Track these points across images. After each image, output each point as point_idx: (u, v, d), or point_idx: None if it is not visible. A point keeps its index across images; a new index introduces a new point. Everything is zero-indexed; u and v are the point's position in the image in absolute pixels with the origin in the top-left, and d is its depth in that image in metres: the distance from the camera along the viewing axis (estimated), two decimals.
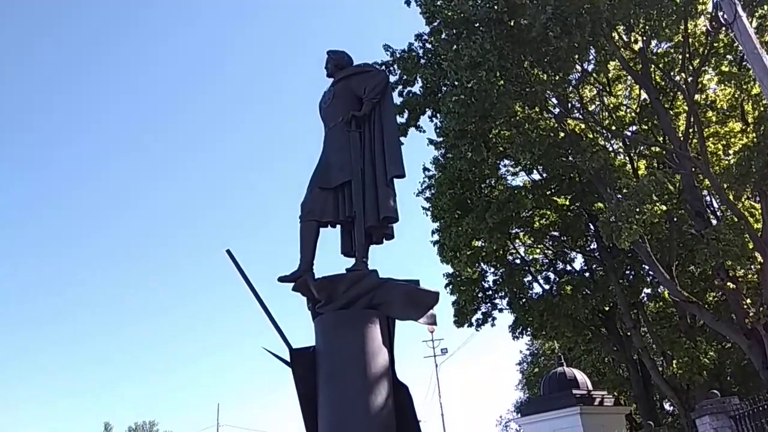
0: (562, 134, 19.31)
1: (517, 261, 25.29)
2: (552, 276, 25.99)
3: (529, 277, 25.09)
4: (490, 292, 24.62)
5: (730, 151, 19.06)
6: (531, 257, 26.12)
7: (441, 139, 21.63)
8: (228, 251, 5.76)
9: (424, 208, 24.40)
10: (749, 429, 8.87)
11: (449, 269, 23.93)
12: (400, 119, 20.25)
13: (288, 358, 5.41)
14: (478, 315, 24.32)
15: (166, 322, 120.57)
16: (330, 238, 6.39)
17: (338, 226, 6.41)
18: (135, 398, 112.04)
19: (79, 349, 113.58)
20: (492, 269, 24.58)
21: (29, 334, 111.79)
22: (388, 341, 5.50)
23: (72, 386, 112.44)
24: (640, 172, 20.07)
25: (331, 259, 6.64)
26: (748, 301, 15.92)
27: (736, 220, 15.25)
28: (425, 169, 24.30)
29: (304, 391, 5.23)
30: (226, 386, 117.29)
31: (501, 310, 24.56)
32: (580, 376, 28.06)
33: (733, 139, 19.11)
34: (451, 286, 24.02)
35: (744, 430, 8.99)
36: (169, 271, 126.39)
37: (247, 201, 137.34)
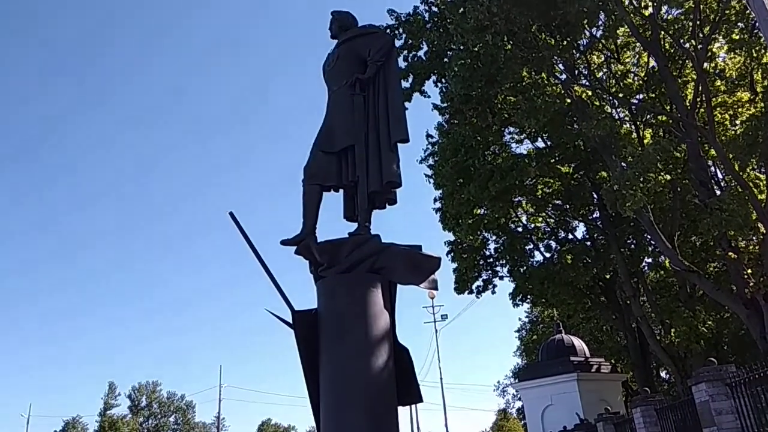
0: (568, 101, 19.10)
1: (519, 229, 25.35)
2: (553, 244, 26.08)
3: (531, 246, 25.19)
4: (491, 260, 24.76)
5: (737, 121, 18.87)
6: (533, 225, 26.16)
7: (446, 104, 21.43)
8: (231, 214, 5.75)
9: (426, 176, 24.37)
10: (745, 396, 8.98)
11: (451, 237, 24.03)
12: (404, 84, 20.04)
13: (290, 320, 5.45)
14: (479, 282, 24.53)
15: (169, 286, 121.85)
16: (332, 202, 6.38)
17: (341, 191, 6.39)
18: (139, 360, 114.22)
19: (84, 312, 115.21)
20: (494, 237, 24.67)
21: (39, 301, 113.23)
22: (390, 305, 5.53)
23: (77, 348, 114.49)
24: (645, 141, 19.90)
25: (333, 223, 6.64)
26: (749, 271, 15.96)
27: (740, 190, 15.18)
28: (428, 135, 24.19)
29: (306, 353, 5.28)
30: (229, 348, 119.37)
31: (501, 278, 24.77)
32: (578, 344, 28.41)
33: (740, 109, 18.91)
34: (452, 254, 24.14)
35: (739, 397, 9.10)
36: (174, 236, 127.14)
37: (251, 165, 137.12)
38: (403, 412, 54.76)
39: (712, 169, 20.28)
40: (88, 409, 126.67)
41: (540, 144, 23.40)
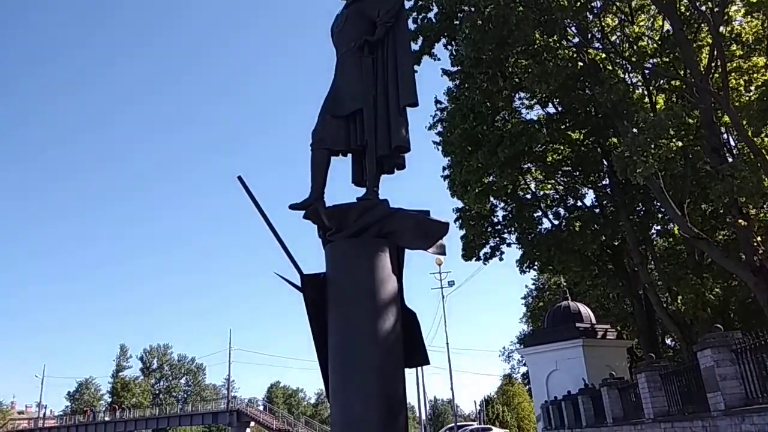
0: (580, 64, 18.76)
1: (528, 196, 25.25)
2: (562, 212, 26.00)
3: (539, 213, 25.11)
4: (499, 227, 24.73)
5: (752, 87, 18.52)
6: (542, 193, 26.04)
7: (456, 68, 21.10)
8: (239, 178, 5.73)
9: (435, 143, 24.18)
10: (750, 362, 9.02)
11: (459, 204, 23.98)
12: (414, 46, 19.70)
13: (299, 284, 5.48)
14: (486, 249, 24.56)
15: (180, 249, 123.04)
16: (341, 167, 6.35)
17: (350, 155, 6.35)
18: (150, 323, 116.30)
19: (96, 275, 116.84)
20: (502, 204, 24.60)
21: (46, 260, 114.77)
22: (397, 270, 5.55)
23: (89, 310, 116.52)
24: (658, 107, 19.60)
25: (342, 188, 6.63)
26: (759, 238, 15.88)
27: (753, 157, 14.98)
28: (437, 101, 23.91)
29: (315, 316, 5.33)
30: (238, 311, 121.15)
31: (509, 245, 24.78)
32: (584, 310, 28.60)
33: (756, 75, 18.52)
34: (460, 221, 24.12)
35: (744, 363, 9.14)
36: (184, 197, 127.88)
37: (259, 127, 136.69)
38: (409, 375, 55.48)
39: (725, 136, 20.00)
40: (100, 371, 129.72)
41: (551, 110, 23.12)
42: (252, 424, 54.25)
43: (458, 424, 33.76)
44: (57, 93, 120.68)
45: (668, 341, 34.82)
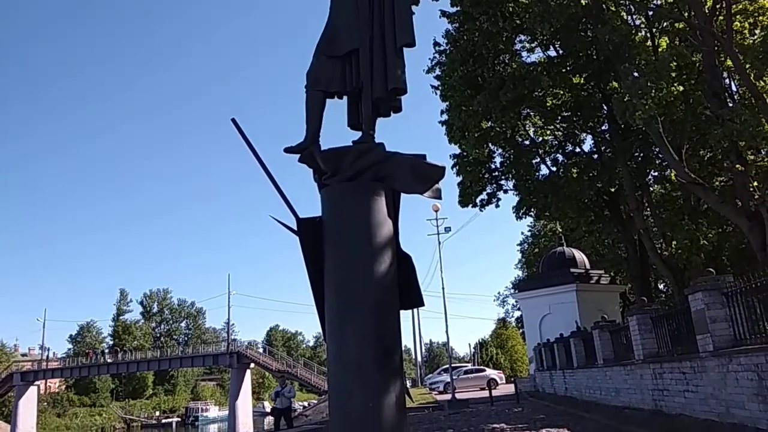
0: (583, 3, 18.25)
1: (526, 142, 25.07)
2: (560, 158, 25.89)
3: (537, 159, 25.00)
4: (497, 173, 24.66)
5: (756, 30, 18.11)
6: (540, 139, 25.85)
7: (455, 9, 20.54)
8: (233, 120, 5.65)
9: (433, 87, 23.80)
10: (740, 305, 9.16)
11: (456, 150, 23.82)
12: None
13: (295, 227, 5.48)
14: (483, 195, 24.56)
15: (176, 186, 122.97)
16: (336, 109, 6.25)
17: (345, 97, 6.23)
18: (149, 268, 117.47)
19: (93, 216, 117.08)
20: (500, 150, 24.44)
21: (40, 195, 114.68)
22: (393, 213, 5.54)
23: (88, 251, 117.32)
24: (660, 50, 19.22)
25: (337, 131, 6.54)
26: (755, 184, 15.89)
27: (754, 101, 14.80)
28: (436, 44, 23.37)
29: (311, 259, 5.36)
30: (236, 257, 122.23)
31: (506, 191, 24.77)
32: (579, 256, 28.94)
33: (761, 17, 18.08)
34: (457, 167, 24.02)
35: (734, 306, 9.28)
36: (179, 139, 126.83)
37: (254, 73, 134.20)
38: (406, 319, 56.56)
39: (727, 81, 19.72)
40: (101, 315, 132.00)
41: (552, 53, 22.68)
42: (252, 365, 55.61)
43: (453, 365, 34.65)
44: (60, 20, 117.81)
45: (661, 286, 35.41)
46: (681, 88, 15.31)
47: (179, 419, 72.31)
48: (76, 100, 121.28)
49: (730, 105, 17.07)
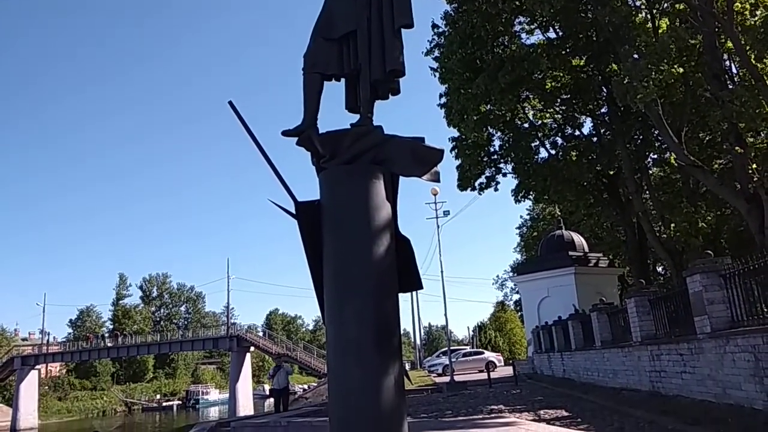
0: None
1: (526, 125, 24.99)
2: (559, 141, 25.84)
3: (536, 142, 24.94)
4: (496, 157, 24.61)
5: (757, 12, 17.95)
6: (540, 122, 25.76)
7: None
8: (230, 103, 5.61)
9: (432, 69, 23.64)
10: (737, 287, 9.20)
11: (455, 133, 23.74)
12: None
13: (294, 211, 5.47)
14: (482, 179, 24.54)
15: (177, 188, 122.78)
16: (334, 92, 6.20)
17: (343, 80, 6.19)
18: (148, 253, 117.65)
19: (91, 200, 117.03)
20: (499, 133, 24.37)
21: (41, 179, 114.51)
22: (392, 196, 5.53)
23: (86, 235, 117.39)
24: (660, 32, 19.09)
25: (335, 115, 6.50)
26: (754, 166, 15.87)
27: (754, 82, 14.73)
28: (434, 26, 23.18)
29: (310, 242, 5.36)
30: (236, 242, 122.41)
31: (505, 175, 24.76)
32: (578, 239, 29.00)
33: None
34: (456, 150, 23.96)
35: (732, 287, 9.33)
36: (178, 123, 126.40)
37: (253, 56, 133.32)
38: (405, 303, 56.80)
39: (727, 63, 19.61)
40: (100, 300, 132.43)
41: (551, 34, 22.52)
42: (252, 349, 55.91)
43: (451, 348, 34.85)
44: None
45: (659, 269, 35.53)
46: (681, 70, 15.23)
47: (180, 402, 72.87)
48: (75, 85, 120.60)
49: (730, 87, 16.98)
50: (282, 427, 11.24)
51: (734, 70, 19.75)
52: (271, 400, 21.54)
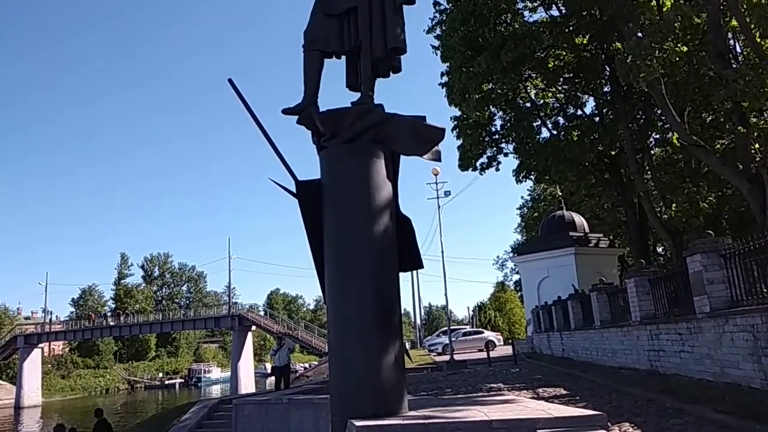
0: None
1: (527, 105, 24.82)
2: (561, 121, 25.67)
3: (538, 122, 24.79)
4: (497, 136, 24.49)
5: None
6: (541, 101, 25.57)
7: None
8: (230, 80, 5.57)
9: (433, 47, 23.43)
10: (737, 267, 9.20)
11: (457, 112, 23.59)
12: None
13: (294, 190, 5.46)
14: (483, 159, 24.45)
15: (178, 170, 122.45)
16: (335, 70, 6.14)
17: (343, 58, 6.12)
18: (149, 233, 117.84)
19: (95, 181, 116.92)
20: (500, 113, 24.22)
21: (44, 156, 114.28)
22: (393, 176, 5.51)
23: (87, 214, 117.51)
24: (664, 10, 18.85)
25: (335, 93, 6.44)
26: (757, 146, 15.78)
27: (758, 61, 14.58)
28: (436, 3, 22.93)
29: (310, 221, 5.36)
30: (237, 221, 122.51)
31: (506, 155, 24.65)
32: (578, 219, 28.98)
33: None
34: (457, 130, 23.83)
35: (732, 267, 9.32)
36: (179, 102, 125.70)
37: (253, 34, 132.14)
38: (405, 283, 56.98)
39: (731, 42, 19.39)
40: (102, 279, 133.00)
41: (554, 12, 22.26)
42: (253, 328, 56.27)
43: (451, 328, 35.07)
44: None
45: (659, 250, 35.56)
46: (685, 49, 15.07)
47: (182, 380, 73.58)
48: (76, 63, 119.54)
49: (735, 66, 16.81)
50: (283, 404, 11.34)
51: (739, 49, 19.54)
52: (272, 378, 21.75)
